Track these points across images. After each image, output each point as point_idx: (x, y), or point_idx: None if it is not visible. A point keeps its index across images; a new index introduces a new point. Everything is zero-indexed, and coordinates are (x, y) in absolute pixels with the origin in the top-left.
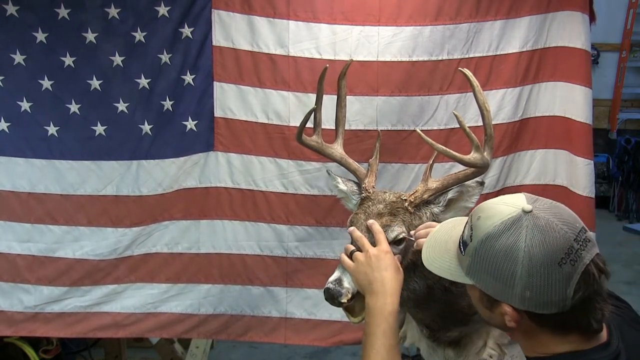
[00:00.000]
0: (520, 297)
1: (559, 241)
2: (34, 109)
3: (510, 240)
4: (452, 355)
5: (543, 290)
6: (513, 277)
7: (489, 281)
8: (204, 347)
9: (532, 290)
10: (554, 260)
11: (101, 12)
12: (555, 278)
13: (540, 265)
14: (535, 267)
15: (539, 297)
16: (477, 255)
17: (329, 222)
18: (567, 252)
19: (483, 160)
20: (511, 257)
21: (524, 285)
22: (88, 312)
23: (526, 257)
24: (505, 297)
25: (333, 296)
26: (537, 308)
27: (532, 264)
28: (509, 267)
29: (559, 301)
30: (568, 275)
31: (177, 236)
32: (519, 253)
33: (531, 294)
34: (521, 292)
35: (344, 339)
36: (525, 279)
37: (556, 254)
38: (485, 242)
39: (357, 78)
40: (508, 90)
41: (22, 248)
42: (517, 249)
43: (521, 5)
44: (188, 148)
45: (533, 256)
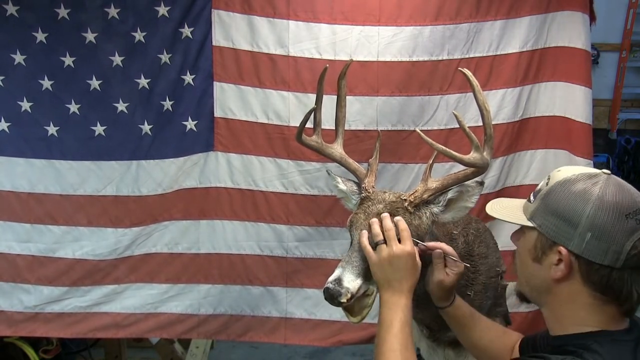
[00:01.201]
0: (581, 238)
1: (629, 198)
2: (34, 109)
3: (587, 185)
4: (452, 355)
5: (605, 236)
6: (580, 216)
7: (553, 221)
8: (204, 347)
9: (594, 233)
10: (622, 211)
11: (101, 12)
12: (619, 227)
13: (609, 210)
14: (604, 210)
15: (598, 242)
16: (548, 197)
17: (329, 222)
18: (635, 210)
19: (483, 160)
20: (583, 198)
21: (588, 226)
22: (88, 313)
23: (597, 200)
24: (566, 237)
25: (333, 296)
26: (592, 254)
27: (603, 207)
28: (578, 206)
29: (615, 252)
30: (631, 229)
31: (177, 236)
32: (592, 195)
33: (592, 237)
34: (584, 232)
35: (344, 339)
36: (592, 219)
37: (625, 207)
38: (562, 184)
39: (357, 78)
40: (508, 90)
41: (22, 248)
42: (591, 192)
43: (521, 5)
44: (188, 148)
45: (605, 201)
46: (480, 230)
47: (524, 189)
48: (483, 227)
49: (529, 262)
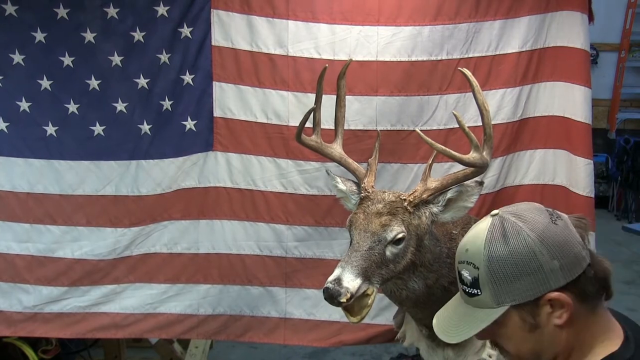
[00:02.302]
0: (552, 272)
1: (536, 211)
2: (32, 109)
3: (509, 237)
4: (452, 355)
5: (564, 249)
6: (535, 259)
7: (521, 285)
8: (203, 347)
9: (556, 256)
10: (547, 223)
11: (100, 12)
12: (560, 231)
13: (542, 231)
14: (542, 235)
15: (566, 258)
16: (494, 276)
17: (328, 222)
18: (549, 214)
19: (482, 160)
20: (519, 245)
21: (548, 257)
22: (87, 313)
23: (530, 234)
24: (544, 284)
25: (332, 296)
26: (571, 271)
27: (538, 234)
28: (526, 255)
29: (580, 250)
30: (564, 226)
31: (176, 236)
32: (524, 237)
33: (559, 261)
34: (550, 266)
35: (343, 339)
36: (544, 251)
37: (544, 219)
38: (492, 258)
39: (357, 78)
40: (507, 90)
41: (21, 248)
42: (517, 235)
43: (520, 5)
44: (187, 148)
45: (533, 229)
46: None
47: (523, 188)
48: None
49: (526, 336)
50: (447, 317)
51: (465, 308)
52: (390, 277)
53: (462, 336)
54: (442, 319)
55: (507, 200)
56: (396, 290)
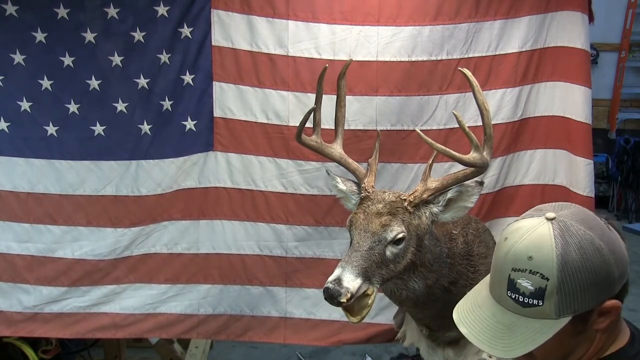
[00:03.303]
0: (615, 280)
1: (591, 215)
2: (33, 109)
3: (584, 247)
4: (452, 355)
5: (622, 257)
6: (607, 269)
7: (588, 295)
8: (203, 347)
9: (619, 265)
10: (605, 228)
11: (100, 12)
12: (616, 239)
13: (607, 238)
14: (609, 243)
15: (622, 266)
16: (566, 285)
17: (329, 222)
18: (603, 220)
19: (482, 160)
20: (596, 258)
21: (615, 265)
22: (87, 313)
23: (600, 243)
24: (607, 294)
25: (332, 296)
26: (623, 279)
27: (606, 242)
28: (600, 266)
29: (627, 257)
30: (616, 233)
31: (176, 236)
32: (596, 246)
33: (619, 269)
34: (616, 275)
35: (343, 338)
36: (613, 260)
37: (601, 223)
38: (566, 266)
39: (357, 78)
40: (507, 90)
41: (21, 248)
42: (592, 245)
43: (520, 5)
44: (187, 148)
45: (600, 237)
46: (480, 230)
47: (523, 188)
48: (482, 227)
49: (569, 342)
50: (488, 328)
51: (512, 318)
52: (390, 277)
53: (517, 351)
54: (478, 328)
55: (508, 200)
56: (396, 290)
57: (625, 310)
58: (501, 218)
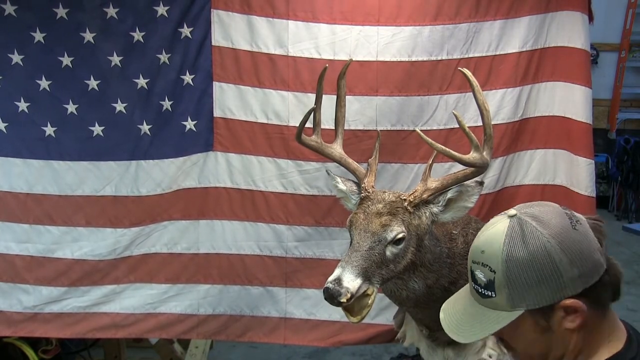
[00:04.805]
0: (571, 280)
1: (557, 215)
2: (31, 109)
3: (527, 239)
4: (452, 355)
5: (584, 255)
6: (555, 266)
7: (539, 291)
8: (203, 347)
9: (576, 264)
10: (567, 228)
11: (99, 12)
12: (581, 237)
13: (563, 238)
14: (563, 242)
15: (585, 266)
16: (512, 279)
17: (328, 222)
18: (569, 218)
19: (482, 160)
20: (539, 250)
21: (568, 265)
22: (87, 313)
23: (551, 241)
24: (561, 291)
25: (332, 296)
26: (589, 278)
27: (559, 241)
28: (546, 263)
29: (598, 258)
30: (584, 232)
31: (176, 236)
32: (542, 241)
33: (579, 269)
34: (570, 273)
35: (343, 339)
36: (564, 258)
37: (564, 223)
38: (510, 261)
39: (357, 78)
40: (507, 90)
41: (21, 249)
42: (537, 239)
43: (521, 5)
44: (187, 148)
45: (554, 235)
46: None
47: (523, 188)
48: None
49: (538, 337)
50: (457, 316)
51: (476, 308)
52: (390, 277)
53: (474, 337)
54: (450, 315)
55: (508, 200)
56: (396, 290)
57: (624, 310)
58: None
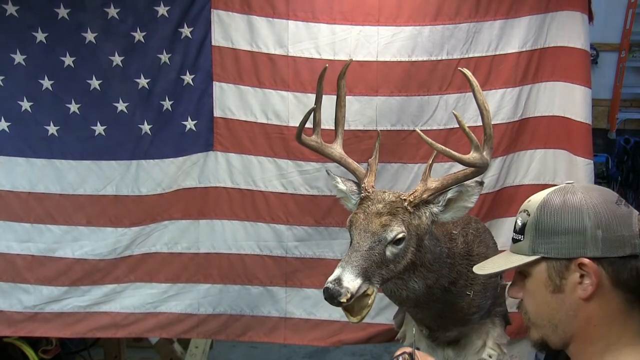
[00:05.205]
0: (594, 239)
1: (605, 191)
2: (34, 109)
3: (568, 194)
4: (452, 355)
5: (613, 227)
6: (583, 221)
7: (559, 240)
8: (203, 347)
9: (603, 229)
10: (611, 200)
11: (101, 12)
12: (619, 214)
13: (602, 204)
14: (598, 205)
15: (611, 235)
16: (540, 224)
17: (328, 222)
18: (617, 197)
19: (482, 160)
20: (574, 203)
21: (595, 226)
22: (87, 312)
23: (588, 199)
24: (580, 247)
25: (332, 296)
26: (612, 250)
27: (595, 203)
28: (575, 214)
29: (630, 238)
30: (628, 213)
31: (176, 236)
32: (580, 198)
33: (603, 234)
34: (594, 233)
35: (343, 338)
36: (594, 219)
37: (610, 197)
38: (544, 207)
39: (357, 78)
40: (507, 90)
41: (22, 248)
42: (576, 196)
43: (520, 5)
44: (187, 148)
45: (593, 197)
46: (480, 230)
47: (523, 188)
48: (482, 227)
49: (548, 297)
50: (491, 258)
51: (505, 254)
52: (390, 277)
53: (488, 270)
54: (487, 261)
55: (508, 200)
56: (396, 290)
57: None
58: (501, 218)
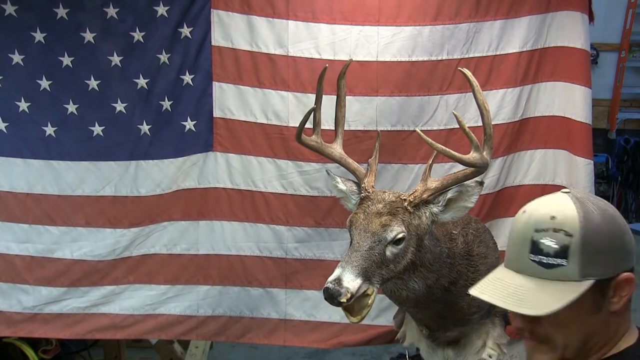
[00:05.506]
0: (630, 253)
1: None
2: (32, 109)
3: (603, 210)
4: (452, 355)
5: (630, 235)
6: (623, 235)
7: (608, 259)
8: (203, 347)
9: (631, 235)
10: (614, 208)
11: (100, 12)
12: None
13: (619, 214)
14: (620, 216)
15: (633, 243)
16: (587, 244)
17: (328, 223)
18: None
19: (482, 160)
20: (614, 221)
21: (629, 237)
22: (86, 313)
23: (612, 210)
24: (623, 263)
25: (332, 296)
26: (635, 257)
27: (618, 214)
28: (617, 229)
29: None
30: None
31: (175, 237)
32: (611, 212)
33: (631, 240)
34: (630, 246)
35: (343, 340)
36: (627, 229)
37: (609, 205)
38: (588, 224)
39: (357, 78)
40: (508, 90)
41: (21, 249)
42: (608, 210)
43: (521, 5)
44: (187, 148)
45: (611, 207)
46: (480, 230)
47: (523, 189)
48: (482, 227)
49: (587, 320)
50: (512, 292)
51: (538, 282)
52: (390, 277)
53: (545, 310)
54: (502, 293)
55: (508, 200)
56: (396, 290)
57: None
58: (501, 218)
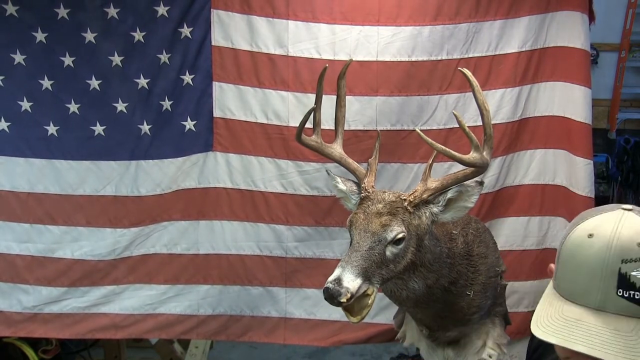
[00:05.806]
0: None
1: None
2: (33, 109)
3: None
4: (452, 355)
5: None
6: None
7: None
8: (203, 347)
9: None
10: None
11: (100, 12)
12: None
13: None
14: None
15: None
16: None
17: (328, 222)
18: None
19: (482, 160)
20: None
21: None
22: (87, 313)
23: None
24: None
25: (332, 296)
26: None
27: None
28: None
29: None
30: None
31: (175, 237)
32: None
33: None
34: None
35: (343, 338)
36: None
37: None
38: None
39: (357, 78)
40: (507, 90)
41: (21, 248)
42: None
43: (520, 5)
44: (187, 148)
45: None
46: (480, 230)
47: (523, 188)
48: (482, 227)
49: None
50: (609, 340)
51: (632, 322)
52: (390, 277)
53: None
54: (596, 342)
55: (508, 200)
56: (396, 290)
57: None
58: (501, 218)
